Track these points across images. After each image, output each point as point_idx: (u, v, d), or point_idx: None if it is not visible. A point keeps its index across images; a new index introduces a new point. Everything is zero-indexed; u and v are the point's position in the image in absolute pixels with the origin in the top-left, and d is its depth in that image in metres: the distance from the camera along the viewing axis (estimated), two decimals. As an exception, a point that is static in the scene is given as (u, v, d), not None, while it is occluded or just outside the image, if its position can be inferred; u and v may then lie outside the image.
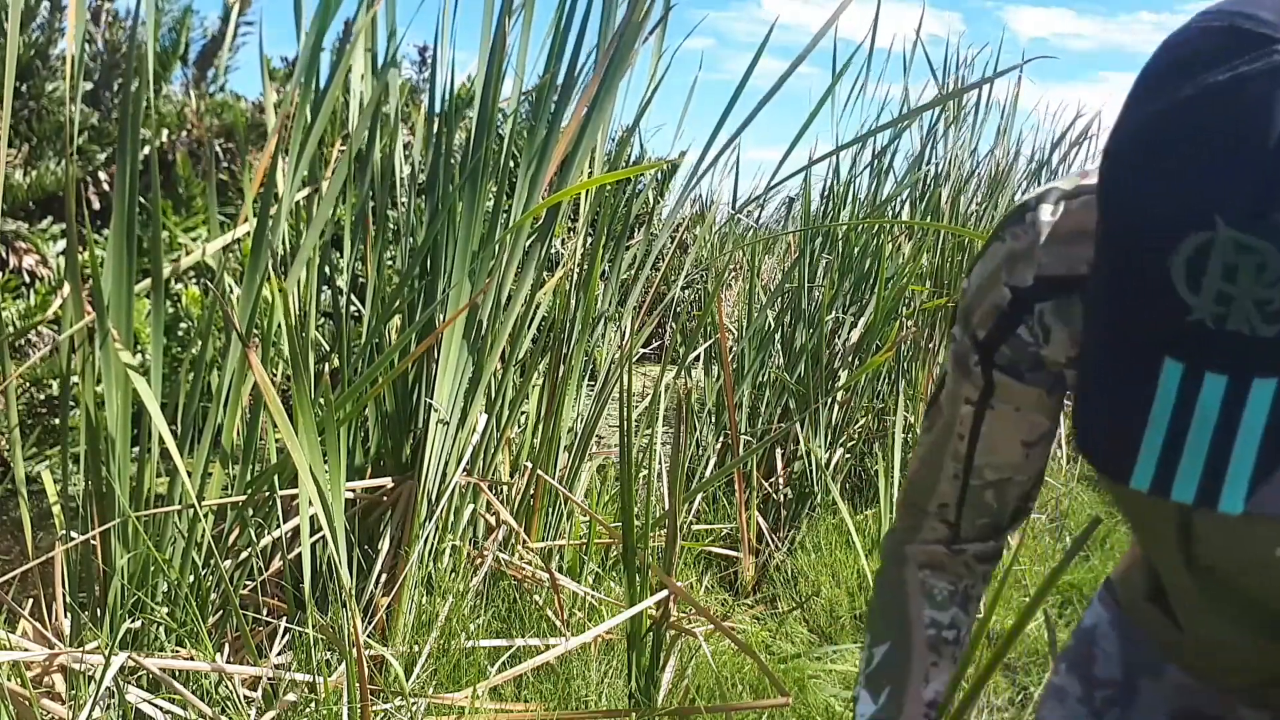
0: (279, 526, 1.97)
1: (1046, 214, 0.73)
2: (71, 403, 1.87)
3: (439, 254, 2.18)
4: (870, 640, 0.95)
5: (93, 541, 1.80)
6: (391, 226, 2.36)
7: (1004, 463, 0.84)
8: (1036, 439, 0.83)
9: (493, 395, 2.36)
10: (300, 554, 1.93)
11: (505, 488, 2.48)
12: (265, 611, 2.02)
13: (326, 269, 2.30)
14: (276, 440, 2.09)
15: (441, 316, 2.15)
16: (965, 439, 0.84)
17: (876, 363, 3.03)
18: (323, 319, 2.43)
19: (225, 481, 1.92)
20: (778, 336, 3.54)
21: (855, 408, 3.63)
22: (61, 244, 2.41)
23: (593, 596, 2.35)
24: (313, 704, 1.73)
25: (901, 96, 4.15)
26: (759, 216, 5.48)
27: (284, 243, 2.17)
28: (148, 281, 1.88)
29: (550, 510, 2.54)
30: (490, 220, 2.24)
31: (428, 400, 2.18)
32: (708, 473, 3.18)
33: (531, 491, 2.47)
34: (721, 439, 3.28)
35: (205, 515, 1.82)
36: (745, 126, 2.46)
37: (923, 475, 0.89)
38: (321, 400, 1.90)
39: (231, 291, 2.18)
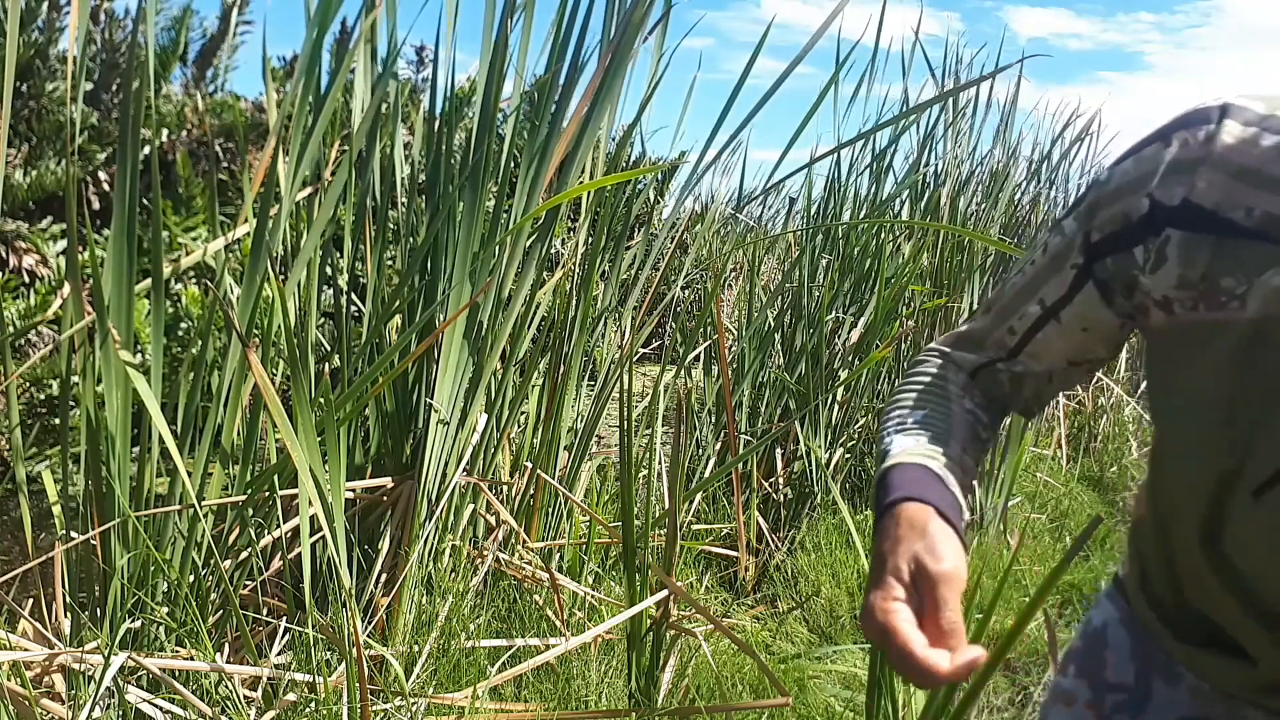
0: (279, 526, 1.97)
1: (1230, 134, 0.63)
2: (71, 402, 1.87)
3: (439, 254, 2.18)
4: (896, 414, 0.84)
5: (93, 541, 1.80)
6: (391, 226, 2.36)
7: (1040, 370, 0.83)
8: (1082, 363, 0.82)
9: (493, 395, 2.36)
10: (300, 554, 1.93)
11: (505, 487, 2.48)
12: (265, 611, 2.02)
13: (327, 269, 2.30)
14: (276, 440, 2.09)
15: (442, 316, 2.15)
16: (1017, 335, 0.82)
17: (875, 359, 3.03)
18: (323, 319, 2.43)
19: (225, 481, 1.92)
20: (778, 336, 3.54)
21: (855, 407, 3.63)
22: (61, 244, 2.41)
23: (593, 596, 2.35)
24: (313, 704, 1.73)
25: (901, 97, 4.15)
26: (759, 216, 5.48)
27: (284, 243, 2.17)
28: (148, 281, 1.88)
29: (550, 510, 2.54)
30: (490, 220, 2.24)
31: (428, 400, 2.18)
32: (707, 472, 3.18)
33: (531, 491, 2.47)
34: (721, 439, 3.28)
35: (205, 515, 1.82)
36: (745, 126, 2.46)
37: (958, 342, 0.89)
38: (321, 400, 1.90)
39: (231, 291, 2.18)
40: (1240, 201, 0.62)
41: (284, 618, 1.95)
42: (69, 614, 1.82)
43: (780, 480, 3.33)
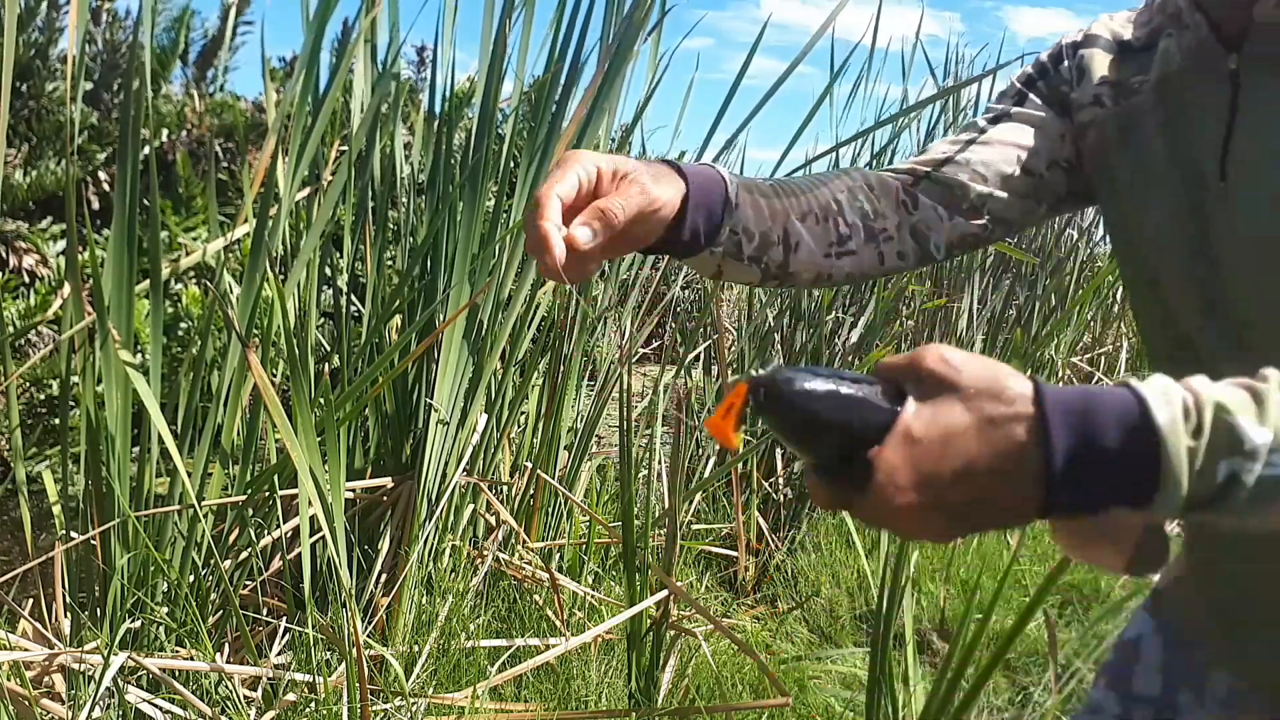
0: (279, 527, 1.97)
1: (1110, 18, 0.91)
2: (71, 403, 1.87)
3: (439, 254, 2.18)
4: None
5: (93, 541, 1.80)
6: (391, 227, 2.36)
7: (991, 170, 0.89)
8: (1027, 171, 0.89)
9: (493, 395, 2.36)
10: (300, 554, 1.93)
11: (505, 487, 2.48)
12: (265, 611, 2.02)
13: (327, 269, 2.30)
14: (276, 440, 2.09)
15: (441, 316, 2.15)
16: (976, 134, 0.92)
17: (875, 359, 3.02)
18: (323, 319, 2.43)
19: (225, 482, 1.92)
20: (777, 336, 3.54)
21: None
22: (61, 244, 2.41)
23: (592, 596, 2.35)
24: (312, 704, 1.73)
25: (901, 96, 4.16)
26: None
27: (284, 243, 2.17)
28: (148, 281, 1.88)
29: (550, 510, 2.54)
30: (491, 220, 2.24)
31: (428, 400, 2.18)
32: (707, 472, 3.18)
33: (531, 491, 2.47)
34: (721, 439, 3.27)
35: (205, 515, 1.82)
36: (745, 126, 2.47)
37: (926, 147, 0.96)
38: (321, 400, 1.90)
39: (231, 292, 2.18)
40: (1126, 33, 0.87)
41: (284, 618, 1.95)
42: (69, 614, 1.82)
43: (780, 480, 3.33)
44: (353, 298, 2.36)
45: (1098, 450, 0.49)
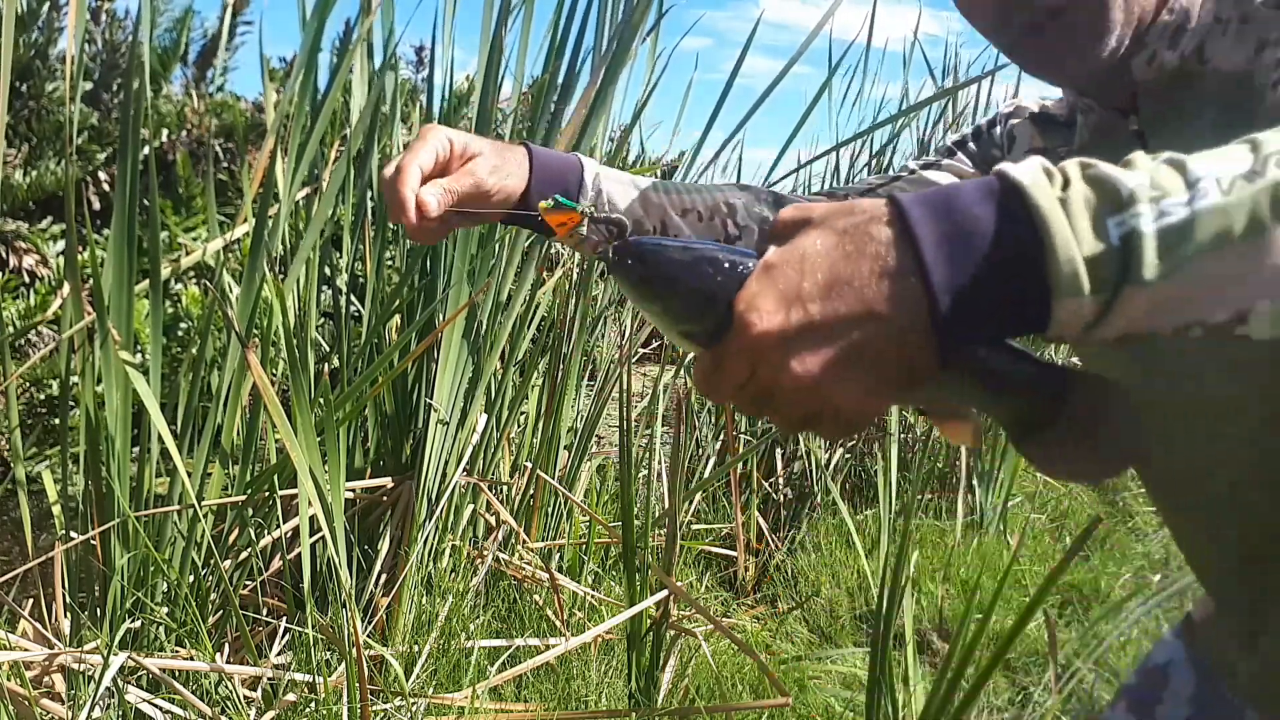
0: (279, 527, 1.97)
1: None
2: (71, 403, 1.87)
3: (438, 254, 2.18)
4: None
5: (92, 541, 1.80)
6: (391, 226, 2.36)
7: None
8: None
9: (492, 395, 2.36)
10: (300, 554, 1.93)
11: (505, 487, 2.48)
12: (265, 611, 2.02)
13: (326, 269, 2.30)
14: (276, 440, 2.09)
15: (441, 316, 2.15)
16: (906, 173, 0.97)
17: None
18: (322, 319, 2.43)
19: (225, 482, 1.92)
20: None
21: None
22: (61, 244, 2.41)
23: (592, 596, 2.35)
24: (312, 704, 1.73)
25: (900, 96, 4.16)
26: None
27: (284, 242, 2.17)
28: (147, 281, 1.88)
29: (550, 510, 2.54)
30: (490, 220, 2.24)
31: (427, 400, 2.18)
32: (707, 472, 3.18)
33: (531, 491, 2.47)
34: (721, 439, 3.28)
35: (205, 515, 1.82)
36: (743, 125, 2.47)
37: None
38: (321, 400, 1.90)
39: (231, 291, 2.18)
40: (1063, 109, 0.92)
41: (284, 618, 1.95)
42: (69, 614, 1.82)
43: (780, 480, 3.33)
44: (352, 298, 2.36)
45: (965, 219, 0.45)
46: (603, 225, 0.56)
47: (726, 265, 0.50)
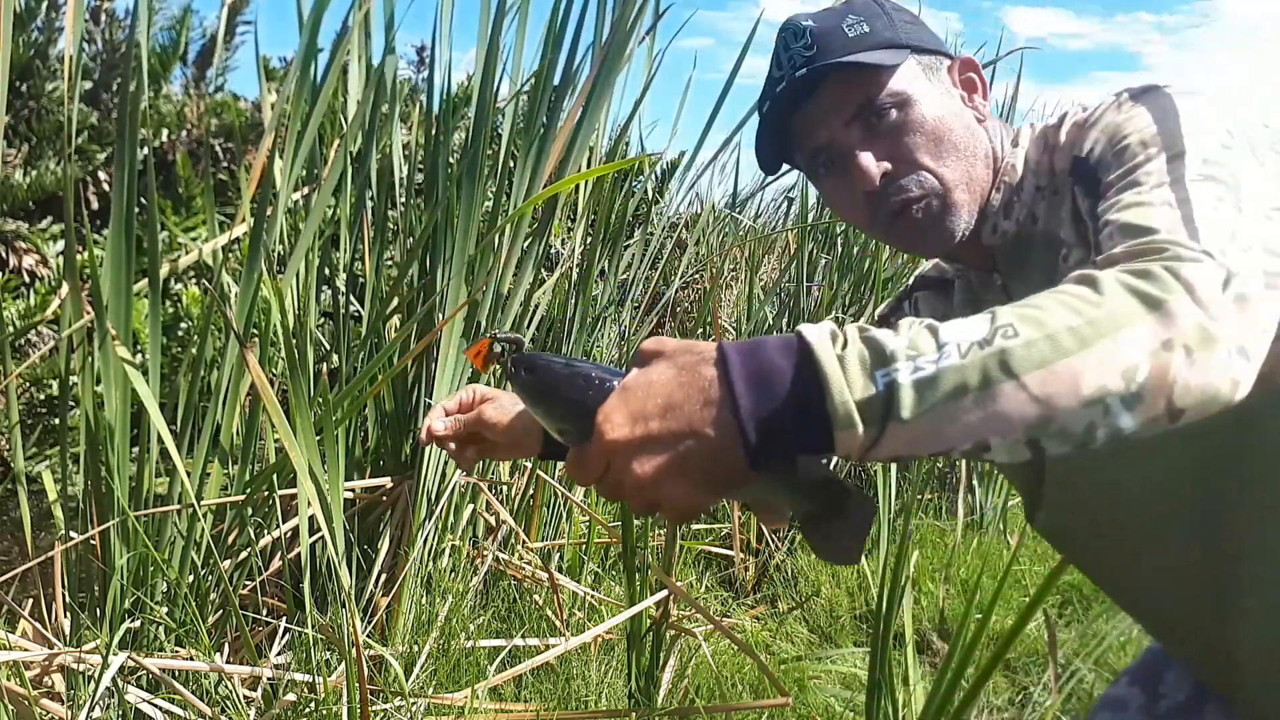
0: (278, 526, 1.97)
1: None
2: (71, 402, 1.86)
3: (437, 253, 2.18)
4: None
5: (92, 541, 1.80)
6: (390, 226, 2.36)
7: None
8: None
9: (492, 395, 2.35)
10: (299, 554, 1.93)
11: (505, 487, 2.48)
12: (265, 611, 2.02)
13: (325, 269, 2.29)
14: (276, 440, 2.09)
15: (440, 315, 2.15)
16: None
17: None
18: (321, 318, 2.43)
19: (224, 481, 1.92)
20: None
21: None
22: (61, 244, 2.41)
23: (592, 596, 2.35)
24: (312, 704, 1.73)
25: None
26: (757, 215, 5.48)
27: (282, 242, 2.17)
28: (147, 281, 1.88)
29: (550, 510, 2.54)
30: (489, 219, 2.24)
31: (427, 399, 2.18)
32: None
33: (531, 491, 2.47)
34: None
35: (204, 515, 1.82)
36: (742, 125, 2.47)
37: None
38: (320, 400, 1.90)
39: (230, 291, 2.18)
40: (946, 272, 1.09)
41: (283, 618, 1.95)
42: (68, 614, 1.82)
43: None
44: (351, 297, 2.36)
45: (769, 367, 0.58)
46: (505, 342, 0.70)
47: (597, 382, 0.64)
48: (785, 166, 1.03)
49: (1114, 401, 0.57)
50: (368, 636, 1.95)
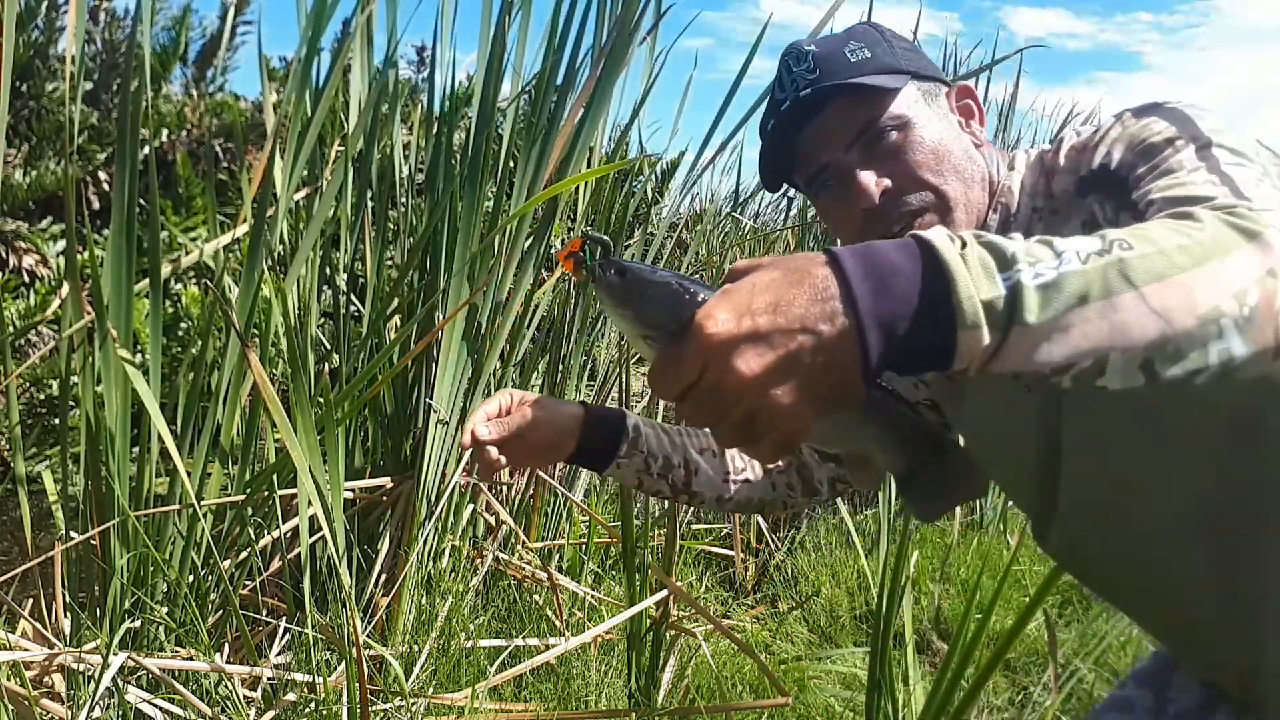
0: (278, 526, 1.97)
1: None
2: (71, 402, 1.87)
3: (438, 253, 2.18)
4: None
5: (92, 541, 1.80)
6: (390, 226, 2.36)
7: None
8: None
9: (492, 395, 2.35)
10: (300, 554, 1.93)
11: (505, 487, 2.48)
12: (265, 611, 2.02)
13: (326, 269, 2.30)
14: (276, 440, 2.09)
15: (441, 315, 2.15)
16: None
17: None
18: (322, 319, 2.43)
19: (224, 481, 1.92)
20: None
21: (855, 407, 3.62)
22: (61, 244, 2.41)
23: (592, 596, 2.35)
24: (312, 704, 1.73)
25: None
26: (758, 214, 5.48)
27: (283, 242, 2.17)
28: (147, 281, 1.88)
29: (550, 510, 2.54)
30: (490, 220, 2.24)
31: (427, 400, 2.18)
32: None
33: (531, 491, 2.47)
34: (721, 439, 3.28)
35: (204, 515, 1.82)
36: (741, 125, 2.47)
37: None
38: (321, 400, 1.90)
39: (230, 291, 2.18)
40: None
41: (284, 618, 1.95)
42: (69, 614, 1.82)
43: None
44: (352, 297, 2.36)
45: (887, 265, 0.55)
46: (594, 242, 0.68)
47: (689, 287, 0.62)
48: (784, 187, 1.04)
49: (1227, 323, 0.56)
50: (368, 636, 1.95)
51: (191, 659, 1.73)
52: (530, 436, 1.01)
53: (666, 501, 1.16)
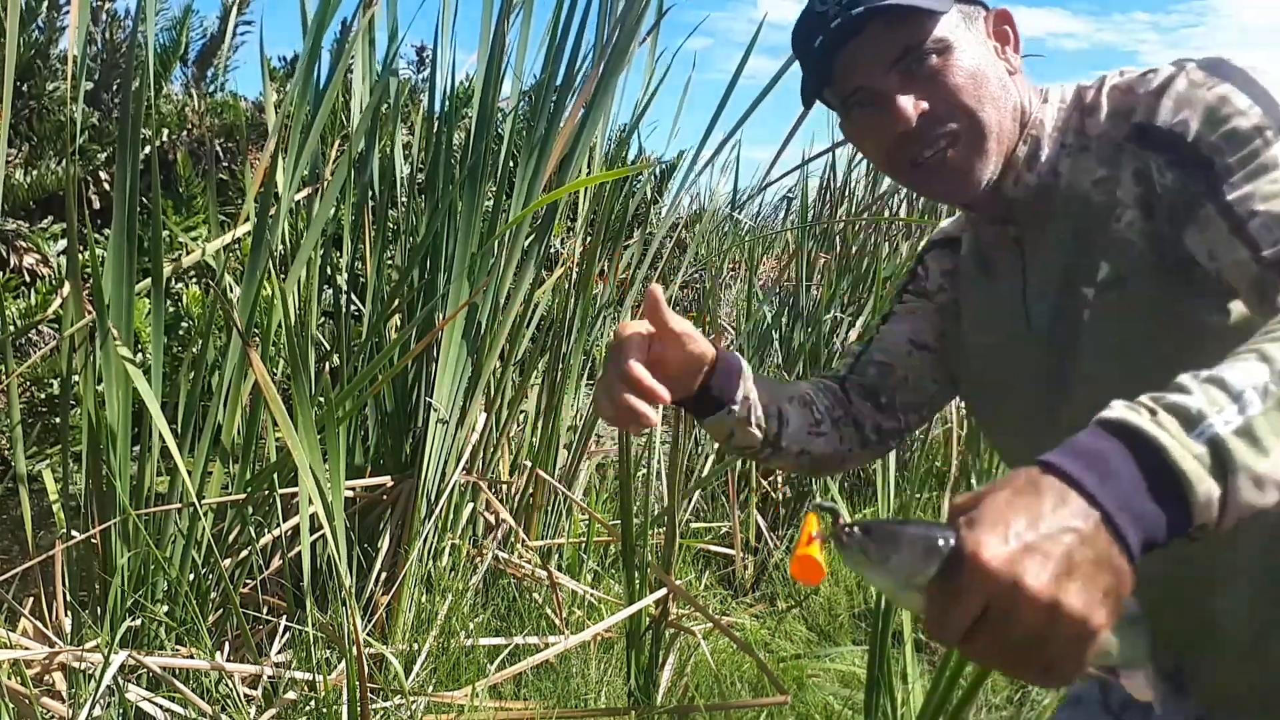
0: (279, 525, 1.97)
1: (945, 221, 1.16)
2: (72, 401, 1.87)
3: (438, 253, 2.18)
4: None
5: (93, 540, 1.80)
6: (391, 226, 2.36)
7: (889, 348, 1.11)
8: (917, 345, 1.10)
9: (492, 394, 2.36)
10: (300, 552, 1.93)
11: (504, 486, 2.48)
12: (265, 610, 2.02)
13: (327, 268, 2.30)
14: (276, 439, 2.09)
15: (441, 315, 2.15)
16: (875, 333, 1.14)
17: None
18: (323, 318, 2.43)
19: (225, 480, 1.92)
20: (776, 335, 3.54)
21: (854, 407, 3.63)
22: (62, 243, 2.41)
23: (592, 595, 2.35)
24: (312, 702, 1.73)
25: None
26: (757, 214, 5.48)
27: (284, 242, 2.17)
28: (148, 281, 1.89)
29: (549, 509, 2.54)
30: (490, 220, 2.25)
31: (427, 399, 2.18)
32: (705, 471, 3.19)
33: (531, 490, 2.47)
34: (720, 438, 3.28)
35: (205, 514, 1.82)
36: (740, 125, 2.47)
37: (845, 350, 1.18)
38: (321, 398, 1.90)
39: (231, 290, 2.19)
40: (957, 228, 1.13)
41: (284, 616, 1.95)
42: (69, 612, 1.83)
43: (778, 479, 3.34)
44: (353, 297, 2.36)
45: (1090, 453, 0.58)
46: (825, 511, 0.67)
47: (932, 529, 0.60)
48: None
49: None
50: (368, 635, 1.96)
51: (192, 657, 1.74)
52: (667, 372, 0.92)
53: (741, 458, 1.13)
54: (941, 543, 0.58)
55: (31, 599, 1.86)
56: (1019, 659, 0.55)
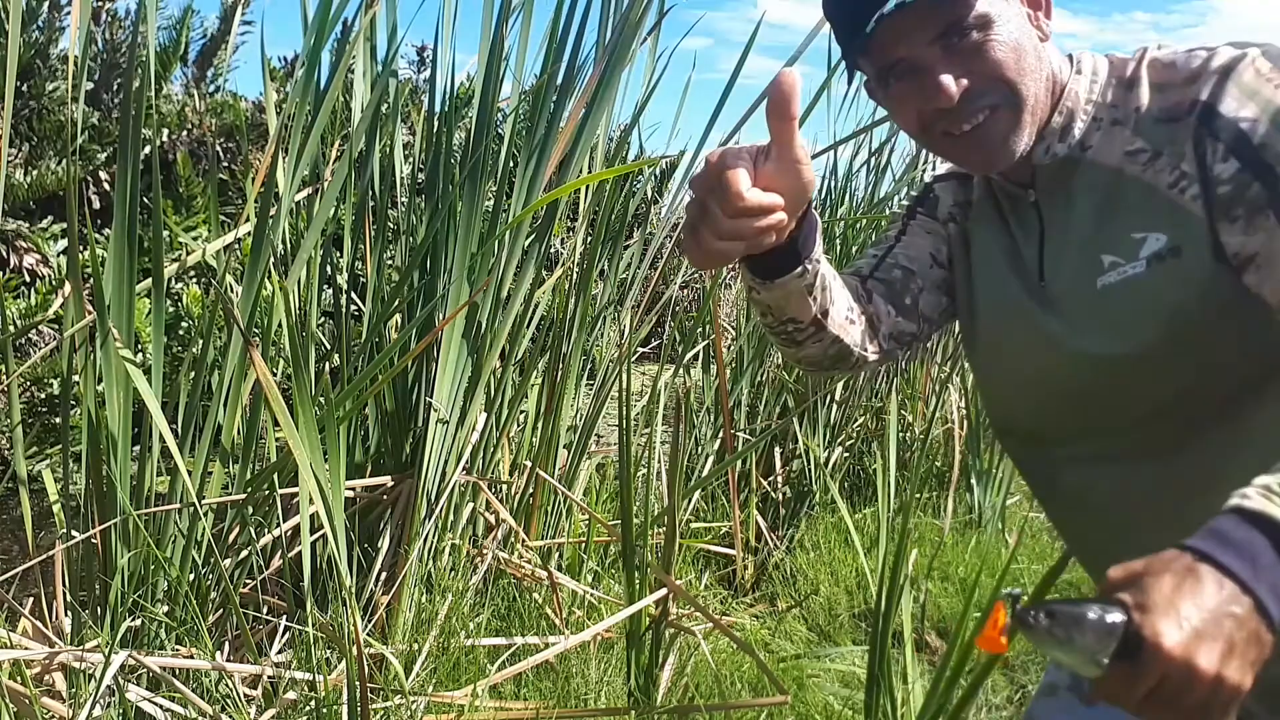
0: (279, 525, 1.97)
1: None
2: (72, 402, 1.87)
3: (438, 253, 2.18)
4: None
5: (93, 540, 1.80)
6: (391, 226, 2.37)
7: (914, 256, 1.12)
8: (938, 263, 1.12)
9: (492, 394, 2.36)
10: (300, 552, 1.93)
11: (504, 486, 2.48)
12: (265, 610, 2.02)
13: (327, 268, 2.30)
14: (277, 439, 2.09)
15: (441, 315, 2.15)
16: (893, 238, 1.15)
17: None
18: (323, 318, 2.43)
19: (225, 480, 1.92)
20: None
21: (853, 406, 3.63)
22: (62, 243, 2.41)
23: (592, 595, 2.35)
24: (312, 702, 1.73)
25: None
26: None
27: (284, 241, 2.17)
28: (149, 281, 1.89)
29: (549, 508, 2.54)
30: (490, 219, 2.25)
31: (427, 399, 2.18)
32: (706, 471, 3.19)
33: (531, 490, 2.47)
34: (719, 437, 3.29)
35: (205, 513, 1.82)
36: (741, 125, 2.47)
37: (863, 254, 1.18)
38: (322, 398, 1.90)
39: (232, 290, 2.19)
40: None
41: (284, 616, 1.95)
42: (69, 612, 1.83)
43: (779, 479, 3.34)
44: (353, 296, 2.36)
45: (1238, 542, 0.66)
46: (1011, 599, 0.72)
47: (1102, 608, 0.68)
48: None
49: None
50: (368, 635, 1.96)
51: (192, 657, 1.74)
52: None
53: (783, 337, 1.05)
54: (1112, 620, 0.65)
55: (31, 599, 1.86)
56: (1183, 716, 0.64)
